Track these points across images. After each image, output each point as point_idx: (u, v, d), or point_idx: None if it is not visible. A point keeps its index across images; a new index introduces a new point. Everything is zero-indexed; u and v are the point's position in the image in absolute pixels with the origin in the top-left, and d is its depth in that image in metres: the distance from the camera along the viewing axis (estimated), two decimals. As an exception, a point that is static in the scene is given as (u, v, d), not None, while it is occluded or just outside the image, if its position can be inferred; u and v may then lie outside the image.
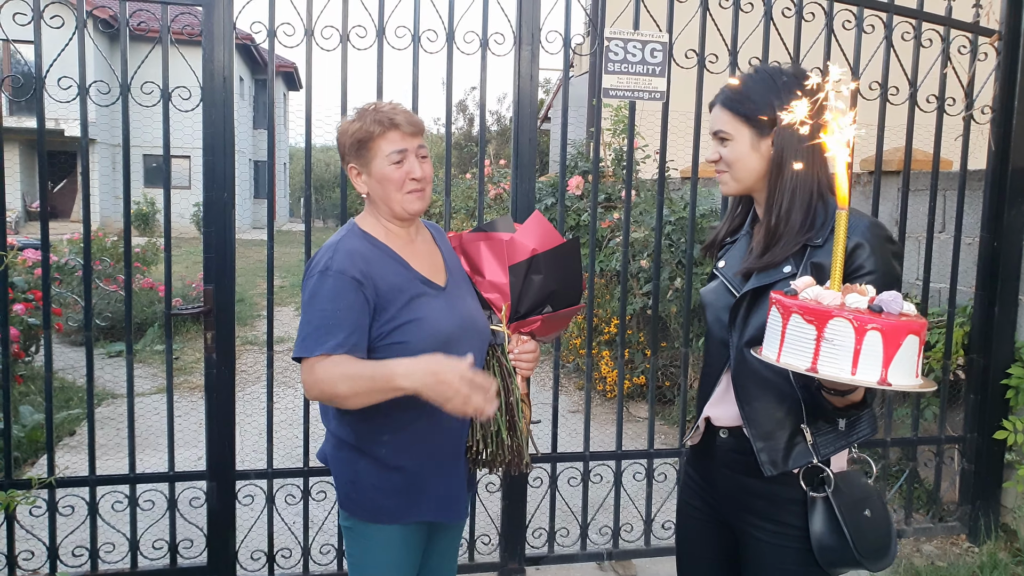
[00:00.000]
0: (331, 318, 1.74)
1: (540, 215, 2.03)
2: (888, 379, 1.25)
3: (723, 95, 1.65)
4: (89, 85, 2.73)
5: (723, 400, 1.68)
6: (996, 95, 3.39)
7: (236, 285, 2.91)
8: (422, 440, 1.84)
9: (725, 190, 1.69)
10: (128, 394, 2.87)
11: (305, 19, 2.80)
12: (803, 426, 1.57)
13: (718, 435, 1.70)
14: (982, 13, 3.33)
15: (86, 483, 2.86)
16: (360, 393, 1.70)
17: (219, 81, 2.77)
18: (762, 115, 1.59)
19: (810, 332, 1.30)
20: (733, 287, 1.67)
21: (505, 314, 1.96)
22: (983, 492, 3.58)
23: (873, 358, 1.25)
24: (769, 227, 1.60)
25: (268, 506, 2.97)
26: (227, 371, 2.86)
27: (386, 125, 1.80)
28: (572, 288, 2.00)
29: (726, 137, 1.63)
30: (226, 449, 2.90)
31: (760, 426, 1.60)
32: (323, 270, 1.77)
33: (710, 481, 1.76)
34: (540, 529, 3.19)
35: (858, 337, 1.26)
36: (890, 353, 1.25)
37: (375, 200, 1.87)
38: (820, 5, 3.13)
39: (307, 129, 2.91)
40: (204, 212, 2.81)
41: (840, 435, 1.59)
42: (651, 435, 3.28)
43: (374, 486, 1.85)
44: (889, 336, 1.25)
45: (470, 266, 2.00)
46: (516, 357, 1.97)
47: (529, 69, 2.93)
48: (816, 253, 1.56)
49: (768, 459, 1.58)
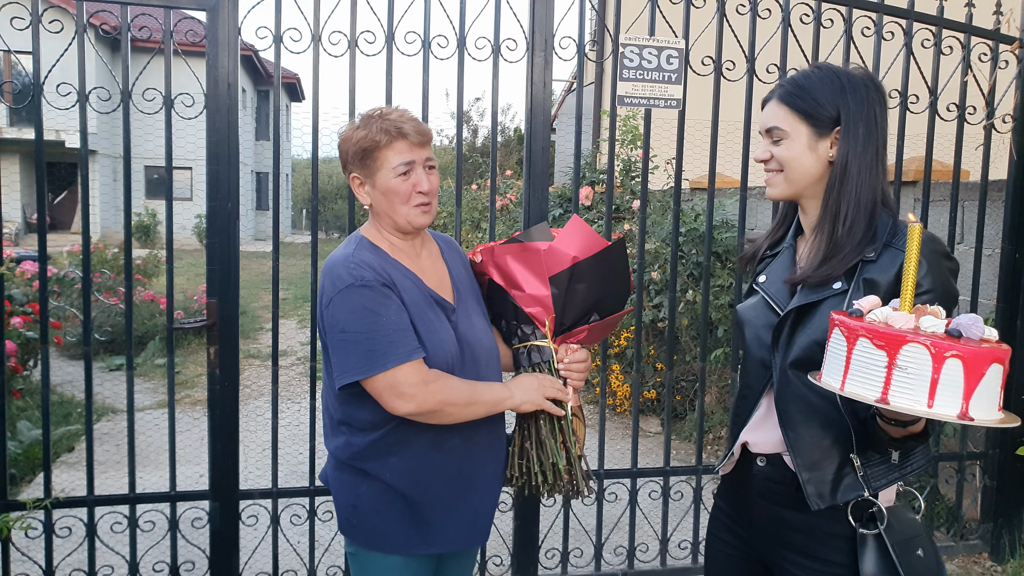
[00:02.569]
0: (388, 326, 1.65)
1: (579, 219, 1.88)
2: (970, 413, 1.14)
3: (781, 90, 1.54)
4: (89, 92, 2.66)
5: (762, 425, 1.57)
6: (1017, 103, 3.32)
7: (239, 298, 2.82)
8: (431, 467, 1.75)
9: (773, 193, 1.58)
10: (128, 411, 2.77)
11: (312, 24, 2.73)
12: (852, 456, 1.45)
13: (755, 463, 1.59)
14: (1003, 20, 3.26)
15: (84, 503, 2.76)
16: (473, 406, 1.74)
17: (223, 88, 2.69)
18: (824, 113, 1.49)
19: (880, 359, 1.18)
20: (776, 303, 1.56)
21: (549, 328, 1.85)
22: (1005, 509, 3.49)
23: (953, 389, 1.14)
24: (831, 237, 1.48)
25: (273, 526, 2.87)
26: (231, 387, 2.77)
27: (393, 134, 1.71)
28: (620, 292, 1.90)
29: (781, 135, 1.52)
30: (229, 468, 2.81)
31: (806, 455, 1.48)
32: (352, 284, 1.66)
33: (744, 513, 1.64)
34: (553, 550, 3.09)
35: (936, 365, 1.14)
36: (972, 384, 1.13)
37: (378, 213, 1.78)
38: (839, 11, 3.05)
39: (314, 137, 2.83)
40: (208, 223, 2.73)
41: (893, 467, 1.47)
42: (667, 452, 3.18)
43: (377, 511, 1.76)
44: (971, 364, 1.13)
45: (505, 280, 1.87)
46: (567, 367, 1.86)
47: (542, 76, 2.85)
48: (869, 269, 1.45)
49: (815, 491, 1.46)
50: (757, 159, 1.59)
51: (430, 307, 1.74)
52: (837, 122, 1.49)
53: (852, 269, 1.46)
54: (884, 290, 1.41)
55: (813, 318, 1.48)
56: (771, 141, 1.55)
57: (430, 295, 1.76)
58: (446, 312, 1.78)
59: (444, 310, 1.78)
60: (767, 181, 1.57)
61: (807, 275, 1.49)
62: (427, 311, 1.73)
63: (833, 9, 3.05)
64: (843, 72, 1.52)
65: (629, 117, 6.18)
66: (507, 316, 1.89)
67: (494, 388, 1.77)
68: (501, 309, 1.90)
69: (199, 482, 4.17)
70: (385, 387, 1.64)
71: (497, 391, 1.77)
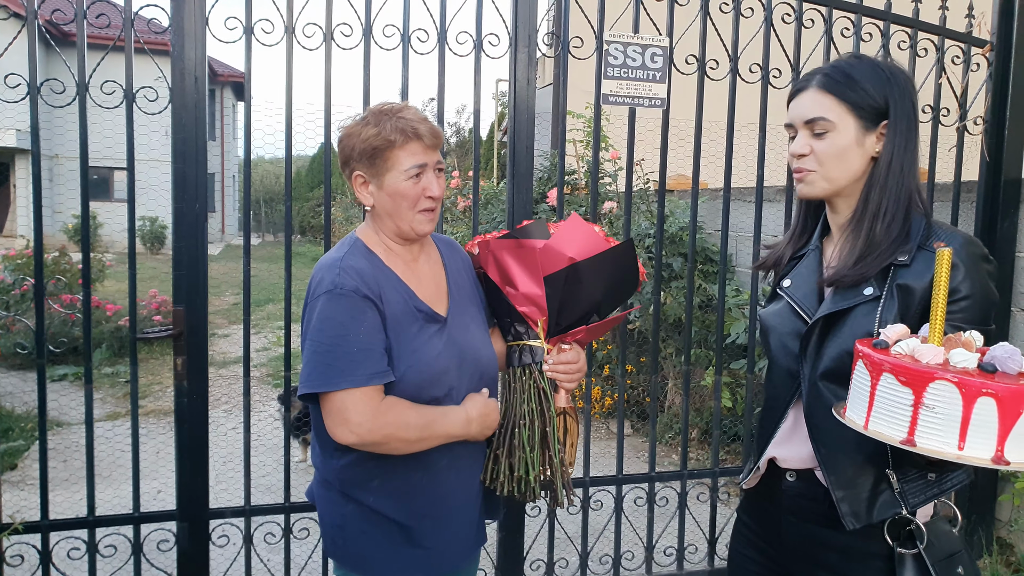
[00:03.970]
0: (354, 343, 1.53)
1: (578, 217, 1.79)
2: (1006, 456, 1.05)
3: (822, 78, 1.42)
4: (41, 84, 2.47)
5: (791, 439, 1.50)
6: (988, 106, 3.36)
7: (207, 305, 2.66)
8: (417, 493, 1.65)
9: (809, 192, 1.47)
10: (87, 426, 2.58)
11: (285, 15, 2.59)
12: (888, 472, 1.38)
13: (784, 478, 1.51)
14: (975, 23, 3.29)
15: (38, 529, 2.56)
16: (426, 440, 1.60)
17: (190, 82, 2.53)
18: (873, 105, 1.40)
19: (906, 396, 1.11)
20: (804, 310, 1.48)
21: (543, 328, 1.76)
22: (978, 506, 3.52)
23: (986, 430, 1.06)
24: (869, 235, 1.40)
25: (246, 546, 2.71)
26: (199, 400, 2.61)
27: (409, 135, 1.60)
28: (622, 293, 1.84)
29: (827, 127, 1.41)
30: (199, 485, 2.63)
31: (840, 471, 1.40)
32: (331, 290, 1.55)
33: (772, 530, 1.56)
34: (539, 561, 3.00)
35: (967, 404, 1.06)
36: (1007, 424, 1.04)
37: (380, 215, 1.67)
38: (819, 12, 3.04)
39: (287, 135, 2.68)
40: (174, 226, 2.56)
41: (932, 483, 1.39)
42: (652, 458, 3.12)
43: (363, 533, 1.65)
44: (1007, 404, 1.04)
45: (501, 276, 1.78)
46: (552, 368, 1.76)
47: (526, 72, 2.76)
48: (902, 273, 1.37)
49: (850, 510, 1.39)
50: (795, 153, 1.47)
51: (415, 322, 1.63)
52: (883, 115, 1.41)
53: (884, 273, 1.39)
54: (919, 297, 1.34)
55: (844, 326, 1.40)
56: (811, 134, 1.43)
57: (418, 309, 1.65)
58: (436, 325, 1.67)
59: (434, 323, 1.67)
60: (801, 179, 1.47)
61: (842, 274, 1.41)
62: (411, 327, 1.62)
63: (814, 9, 3.03)
64: (883, 63, 1.44)
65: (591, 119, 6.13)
66: (501, 312, 1.82)
67: (452, 420, 1.64)
68: (496, 304, 1.82)
69: (157, 498, 3.97)
70: (333, 409, 1.54)
71: (454, 424, 1.63)
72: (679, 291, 5.08)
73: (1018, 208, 3.41)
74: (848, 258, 1.42)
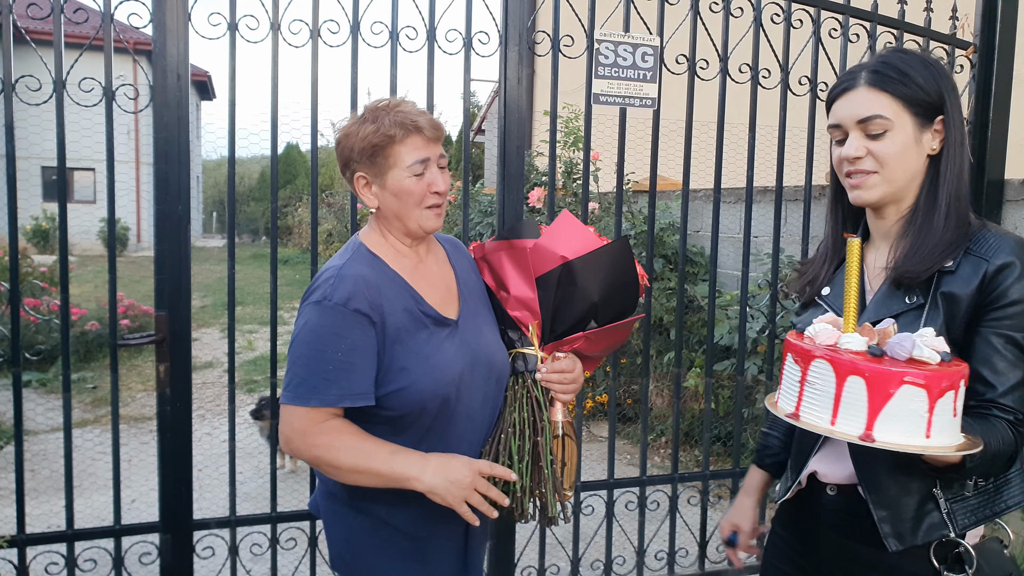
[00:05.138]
0: (330, 360, 1.46)
1: (569, 214, 1.73)
2: (874, 435, 1.08)
3: (872, 75, 1.33)
4: (16, 81, 2.36)
5: (832, 453, 1.43)
6: (972, 107, 3.39)
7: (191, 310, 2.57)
8: (426, 501, 1.57)
9: (868, 197, 1.37)
10: (65, 437, 2.48)
11: (271, 12, 2.51)
12: (936, 491, 1.31)
13: (824, 492, 1.44)
14: (958, 25, 3.32)
15: (13, 544, 2.45)
16: (362, 474, 1.49)
17: (172, 79, 2.44)
18: (928, 101, 1.33)
19: (797, 374, 1.18)
20: None
21: (535, 334, 1.69)
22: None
23: (856, 408, 1.09)
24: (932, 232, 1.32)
25: (231, 558, 2.63)
26: (183, 408, 2.52)
27: (409, 128, 1.53)
28: (624, 298, 1.70)
29: (885, 126, 1.32)
30: (182, 496, 2.55)
31: (881, 491, 1.33)
32: (319, 300, 1.49)
33: (809, 544, 1.49)
34: (530, 567, 2.95)
35: (839, 382, 1.10)
36: (877, 404, 1.08)
37: (387, 216, 1.61)
38: (808, 12, 3.04)
39: (273, 134, 2.60)
40: (156, 228, 2.47)
41: (984, 503, 1.33)
42: (643, 461, 3.09)
43: (371, 546, 1.59)
44: (875, 384, 1.08)
45: (494, 280, 1.73)
46: (545, 376, 1.67)
47: (517, 71, 2.71)
48: (947, 281, 1.30)
49: (892, 531, 1.32)
50: (848, 156, 1.36)
51: (423, 328, 1.57)
52: (937, 110, 1.34)
53: (928, 281, 1.32)
54: (966, 305, 1.28)
55: None
56: (865, 135, 1.34)
57: (425, 314, 1.58)
58: (447, 329, 1.61)
59: (444, 327, 1.61)
60: (857, 184, 1.37)
61: (905, 268, 1.32)
62: (419, 334, 1.56)
63: (802, 9, 3.03)
64: (929, 56, 1.38)
65: (571, 119, 6.11)
66: (497, 319, 1.75)
67: (401, 461, 1.49)
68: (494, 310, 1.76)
69: (132, 508, 3.85)
70: (281, 417, 1.52)
71: (403, 466, 1.48)
72: (660, 292, 5.08)
73: (1001, 209, 3.45)
74: (911, 253, 1.34)
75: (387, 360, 1.52)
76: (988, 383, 1.27)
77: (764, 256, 4.47)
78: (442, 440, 1.58)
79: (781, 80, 3.04)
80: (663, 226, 5.10)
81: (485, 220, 6.40)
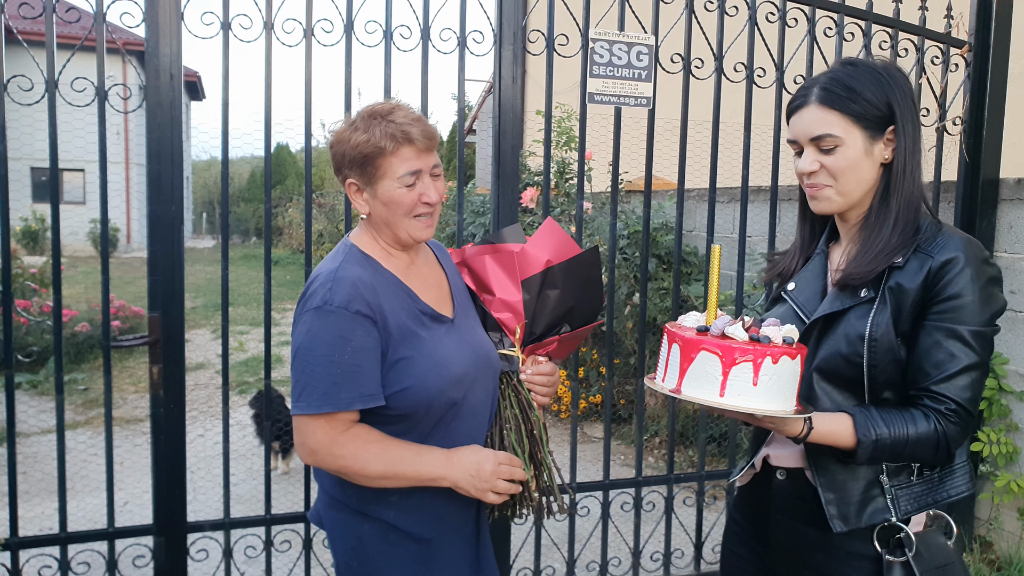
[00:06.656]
0: (339, 365, 1.45)
1: (553, 222, 1.78)
2: (681, 389, 1.29)
3: (821, 92, 1.40)
4: (8, 81, 2.34)
5: (784, 438, 1.48)
6: (967, 106, 3.39)
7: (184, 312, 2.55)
8: (436, 504, 1.59)
9: (825, 208, 1.46)
10: (59, 439, 2.46)
11: (264, 11, 2.49)
12: (882, 477, 1.38)
13: (775, 476, 1.51)
14: (953, 24, 3.33)
15: (7, 547, 2.43)
16: (391, 479, 1.50)
17: (165, 79, 2.42)
18: (876, 114, 1.38)
19: (666, 350, 1.38)
20: (804, 312, 1.49)
21: (519, 336, 1.72)
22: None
23: (673, 369, 1.32)
24: (879, 237, 1.40)
25: (225, 560, 2.61)
26: (176, 410, 2.50)
27: (399, 140, 1.51)
28: (591, 303, 1.80)
29: (834, 142, 1.39)
30: (176, 498, 2.53)
31: (830, 473, 1.40)
32: (320, 306, 1.47)
33: (760, 528, 1.56)
34: (525, 569, 2.94)
35: (669, 347, 1.35)
36: (684, 366, 1.30)
37: (377, 223, 1.60)
38: (803, 11, 3.04)
39: (267, 134, 2.59)
40: (149, 229, 2.45)
41: (927, 491, 1.40)
42: (639, 462, 3.08)
43: (382, 553, 1.57)
44: (685, 349, 1.30)
45: (476, 284, 1.76)
46: (529, 379, 1.73)
47: (511, 71, 2.70)
48: (895, 275, 1.38)
49: (838, 513, 1.38)
50: (803, 171, 1.45)
51: (421, 326, 1.56)
52: (889, 121, 1.40)
53: (880, 276, 1.39)
54: (912, 297, 1.35)
55: (839, 327, 1.42)
56: (819, 151, 1.42)
57: (422, 311, 1.58)
58: (444, 326, 1.61)
59: (440, 324, 1.60)
60: (814, 195, 1.46)
61: (850, 273, 1.41)
62: (419, 331, 1.55)
63: (797, 8, 3.03)
64: (879, 65, 1.43)
65: (564, 119, 6.10)
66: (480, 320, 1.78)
67: (428, 462, 1.52)
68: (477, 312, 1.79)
69: (124, 510, 3.82)
70: (298, 428, 1.50)
71: (431, 467, 1.52)
72: (653, 292, 5.08)
73: (996, 208, 3.45)
74: (858, 258, 1.42)
75: (391, 359, 1.51)
76: (925, 373, 1.34)
77: (759, 256, 4.47)
78: (448, 437, 1.58)
79: (776, 79, 3.04)
80: (656, 226, 5.10)
81: (477, 220, 6.39)
